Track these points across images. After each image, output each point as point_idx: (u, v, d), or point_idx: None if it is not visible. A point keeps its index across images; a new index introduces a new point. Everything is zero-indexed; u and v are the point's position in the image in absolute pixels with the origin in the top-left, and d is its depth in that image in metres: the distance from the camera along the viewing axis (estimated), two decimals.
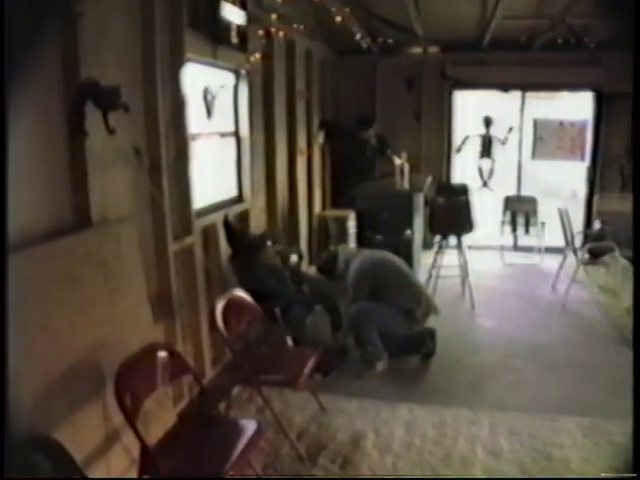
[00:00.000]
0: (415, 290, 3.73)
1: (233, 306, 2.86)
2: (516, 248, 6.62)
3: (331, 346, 3.69)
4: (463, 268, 4.94)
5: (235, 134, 4.21)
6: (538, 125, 6.64)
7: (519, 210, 6.45)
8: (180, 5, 2.97)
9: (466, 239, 5.28)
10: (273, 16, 4.15)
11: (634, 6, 2.87)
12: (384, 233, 4.86)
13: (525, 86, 6.43)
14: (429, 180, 5.96)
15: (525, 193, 6.72)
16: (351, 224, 5.53)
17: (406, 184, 5.48)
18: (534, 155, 6.73)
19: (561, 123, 6.61)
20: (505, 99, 6.68)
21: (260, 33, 4.14)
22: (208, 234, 3.55)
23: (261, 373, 2.77)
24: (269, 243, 3.84)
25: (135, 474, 2.13)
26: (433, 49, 6.38)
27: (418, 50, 6.40)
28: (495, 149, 6.95)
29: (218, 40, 3.45)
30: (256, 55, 4.06)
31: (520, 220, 6.45)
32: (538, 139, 6.65)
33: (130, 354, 2.15)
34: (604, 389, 3.21)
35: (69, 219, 2.26)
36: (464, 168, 7.08)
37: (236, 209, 4.03)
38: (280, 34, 4.42)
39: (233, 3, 3.57)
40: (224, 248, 3.68)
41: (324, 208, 6.27)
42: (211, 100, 3.65)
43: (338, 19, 4.54)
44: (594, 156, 6.39)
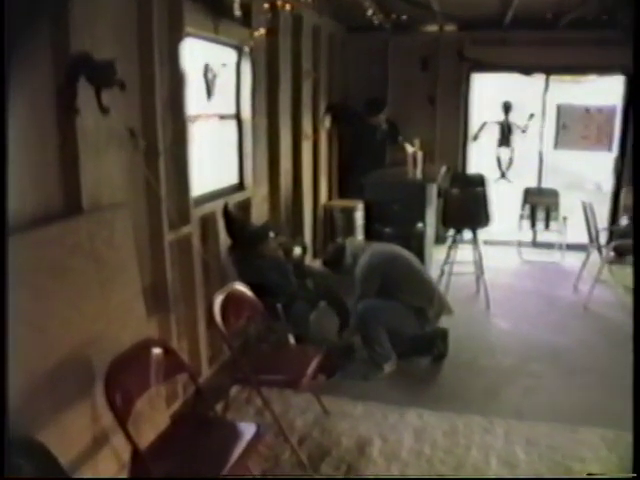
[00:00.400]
0: (428, 288, 3.71)
1: (232, 301, 2.86)
2: (535, 244, 6.60)
3: (336, 345, 3.69)
4: (478, 264, 4.92)
5: (236, 116, 4.19)
6: (562, 111, 6.55)
7: (539, 203, 6.41)
8: None
9: (482, 233, 5.26)
10: None
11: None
12: (394, 226, 4.86)
13: (549, 68, 6.34)
14: (443, 170, 5.93)
15: (546, 185, 6.67)
16: (359, 215, 5.51)
17: (418, 173, 5.46)
18: (557, 144, 6.66)
19: (587, 109, 6.51)
20: (526, 83, 6.60)
21: (265, 6, 4.11)
22: (207, 224, 3.54)
23: (261, 373, 2.77)
24: (271, 234, 3.84)
25: None
26: (450, 27, 6.32)
27: (434, 28, 6.34)
28: (515, 137, 6.91)
29: (220, 13, 3.42)
30: (260, 30, 4.03)
31: (540, 214, 6.41)
32: (561, 127, 6.57)
33: (122, 350, 2.14)
34: (630, 398, 3.18)
35: (58, 205, 2.25)
36: (481, 157, 7.05)
37: (237, 197, 4.02)
38: (286, 8, 4.38)
39: None
40: (223, 239, 3.68)
41: (330, 198, 6.25)
42: (212, 79, 3.63)
43: None
44: (622, 146, 6.31)
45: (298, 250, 4.32)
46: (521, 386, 3.48)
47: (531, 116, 6.70)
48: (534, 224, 6.48)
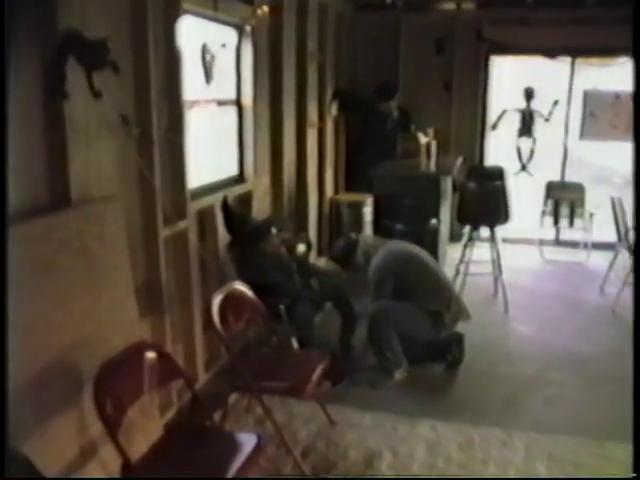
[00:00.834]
0: (445, 291, 3.71)
1: (231, 301, 2.86)
2: (558, 243, 6.59)
3: (343, 349, 3.67)
4: (496, 264, 4.91)
5: (236, 102, 4.18)
6: (589, 98, 6.48)
7: (563, 198, 6.39)
8: None
9: (500, 231, 5.25)
10: None
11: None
12: (405, 222, 4.86)
13: (575, 51, 6.27)
14: (459, 161, 5.92)
15: (571, 179, 6.64)
16: (367, 211, 5.50)
17: (432, 165, 5.45)
18: (583, 134, 6.61)
19: (617, 96, 6.40)
20: (550, 67, 6.55)
21: None
22: (204, 218, 3.54)
23: (262, 379, 2.78)
24: (274, 230, 3.83)
25: None
26: (468, 5, 6.28)
27: (450, 6, 6.30)
28: (537, 127, 6.87)
29: None
30: (263, 8, 4.02)
31: (564, 210, 6.39)
32: (588, 115, 6.51)
33: (112, 354, 2.15)
34: None
35: (44, 197, 2.24)
36: (500, 148, 7.01)
37: (237, 190, 4.02)
38: None
39: None
40: (222, 235, 3.68)
41: (337, 191, 6.24)
42: (210, 61, 3.62)
43: None
44: None
45: (302, 247, 4.32)
46: (542, 396, 3.47)
47: (555, 103, 6.65)
48: (557, 221, 6.46)
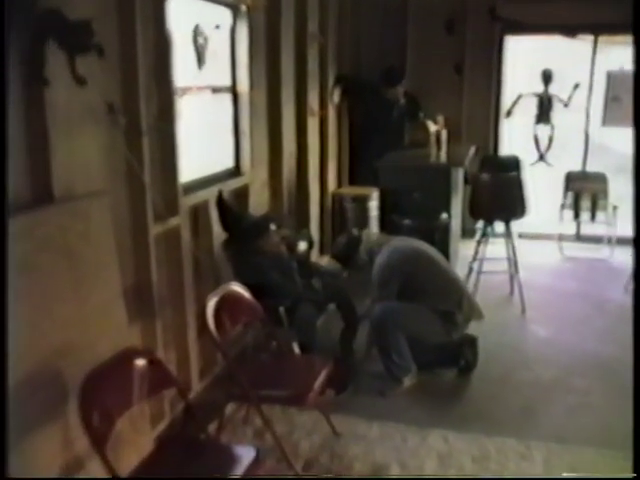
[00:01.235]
0: (455, 289, 3.71)
1: (228, 304, 2.87)
2: (579, 238, 6.59)
3: (343, 355, 3.68)
4: (512, 262, 4.91)
5: (232, 89, 4.18)
6: (612, 80, 6.44)
7: (584, 190, 6.37)
8: None
9: (516, 226, 5.24)
10: None
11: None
12: (414, 217, 4.85)
13: (598, 27, 6.20)
14: (472, 151, 5.89)
15: (592, 169, 6.63)
16: (373, 205, 5.50)
17: (443, 156, 5.44)
18: (605, 120, 6.59)
19: None
20: (570, 46, 6.51)
21: None
22: (198, 214, 3.55)
23: (261, 387, 2.78)
24: (272, 227, 3.83)
25: None
26: None
27: None
28: (555, 112, 6.84)
29: None
30: None
31: (585, 203, 6.38)
32: (611, 99, 6.48)
33: (99, 362, 2.15)
34: None
35: (24, 193, 2.24)
36: (515, 136, 7.00)
37: (232, 184, 4.02)
38: None
39: None
40: (217, 232, 3.68)
41: (340, 185, 6.24)
42: (203, 44, 3.62)
43: None
44: None
45: (303, 245, 4.32)
46: (564, 404, 3.47)
47: (576, 87, 6.61)
48: (578, 214, 6.44)
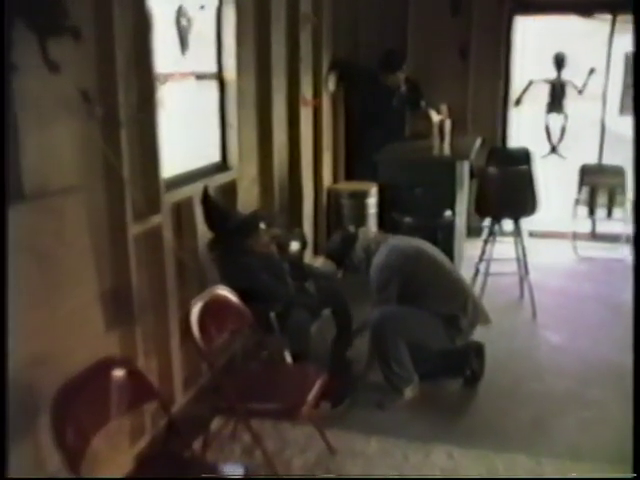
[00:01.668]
0: (459, 291, 3.72)
1: (214, 309, 2.87)
2: (595, 236, 6.62)
3: (336, 365, 3.68)
4: (522, 262, 4.92)
5: (217, 76, 4.17)
6: (631, 64, 6.47)
7: (600, 185, 6.40)
8: None
9: (526, 223, 5.25)
10: None
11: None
12: (416, 215, 4.87)
13: (615, 6, 6.17)
14: (478, 143, 5.91)
15: (609, 161, 6.66)
16: (371, 202, 5.51)
17: (447, 148, 5.44)
18: (623, 108, 6.64)
19: None
20: (586, 27, 6.52)
21: None
22: (181, 212, 3.55)
23: (250, 400, 2.78)
24: (262, 225, 3.83)
25: None
26: None
27: None
28: (569, 100, 6.86)
29: None
30: None
31: (601, 198, 6.41)
32: (630, 85, 6.50)
33: (74, 373, 2.15)
34: None
35: None
36: (525, 127, 7.02)
37: (219, 179, 4.02)
38: None
39: None
40: (202, 231, 3.68)
41: (336, 180, 6.25)
42: (186, 27, 3.61)
43: None
44: None
45: (296, 245, 4.33)
46: (578, 418, 3.48)
47: (591, 72, 6.63)
48: (593, 211, 6.47)
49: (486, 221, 5.43)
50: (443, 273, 3.72)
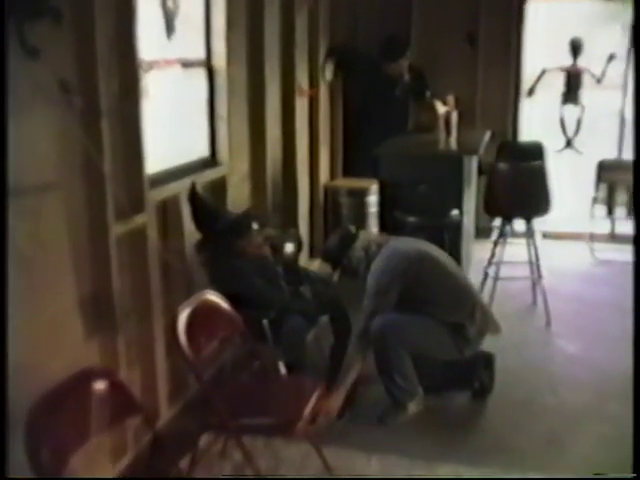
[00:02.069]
0: (467, 298, 3.73)
1: (202, 315, 2.87)
2: (614, 237, 6.63)
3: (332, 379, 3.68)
4: (534, 266, 4.94)
5: (206, 64, 4.17)
6: None
7: (620, 181, 6.41)
8: None
9: (539, 224, 5.26)
10: None
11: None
12: (420, 214, 4.87)
13: None
14: (487, 136, 5.92)
15: (629, 157, 6.64)
16: (372, 200, 5.52)
17: (453, 142, 5.46)
18: None
19: None
20: (605, 9, 6.51)
21: None
22: (167, 211, 3.55)
23: (241, 414, 2.78)
24: (254, 225, 3.83)
25: None
26: None
27: None
28: (586, 90, 6.86)
29: None
30: None
31: (620, 197, 6.42)
32: None
33: (51, 385, 2.13)
34: None
35: None
36: (539, 119, 7.03)
37: (208, 175, 4.02)
38: None
39: None
40: (190, 232, 3.68)
41: (333, 176, 6.27)
42: (172, 9, 3.62)
43: None
44: None
45: (290, 247, 4.34)
46: (595, 434, 3.49)
47: (610, 58, 6.63)
48: (612, 210, 6.48)
49: (496, 221, 5.46)
50: (449, 278, 3.72)
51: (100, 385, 2.30)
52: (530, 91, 6.85)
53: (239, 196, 4.38)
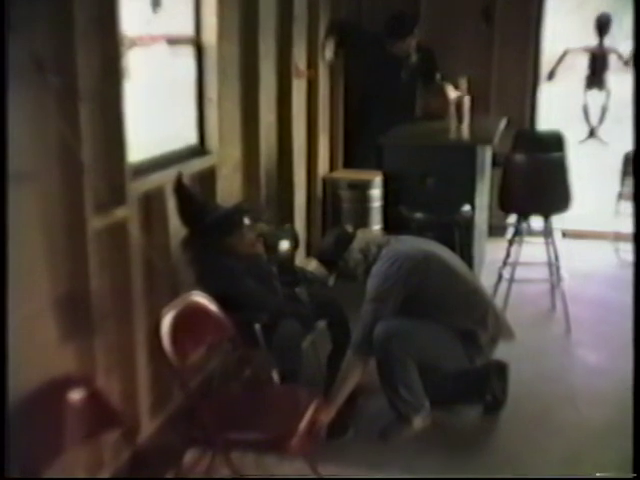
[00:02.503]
0: (478, 302, 3.74)
1: (188, 319, 2.88)
2: None
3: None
4: (553, 267, 4.95)
5: (195, 41, 4.16)
6: None
7: None
8: None
9: (559, 221, 5.27)
10: None
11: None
12: (428, 210, 4.88)
13: None
14: (503, 124, 5.93)
15: None
16: (375, 194, 5.53)
17: (466, 130, 5.46)
18: None
19: None
20: None
21: None
22: (151, 204, 3.55)
23: (230, 428, 2.79)
24: (246, 221, 3.83)
25: None
26: None
27: None
28: (612, 73, 6.86)
29: None
30: None
31: None
32: None
33: (22, 394, 2.15)
34: None
35: None
36: (559, 105, 7.04)
37: (195, 165, 4.02)
38: None
39: None
40: (176, 227, 3.69)
41: (333, 167, 6.27)
42: None
43: None
44: None
45: (286, 244, 4.34)
46: (619, 453, 3.47)
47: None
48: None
49: (511, 218, 5.46)
50: (459, 281, 3.73)
51: (75, 394, 2.31)
52: (550, 74, 6.85)
53: (230, 188, 4.38)
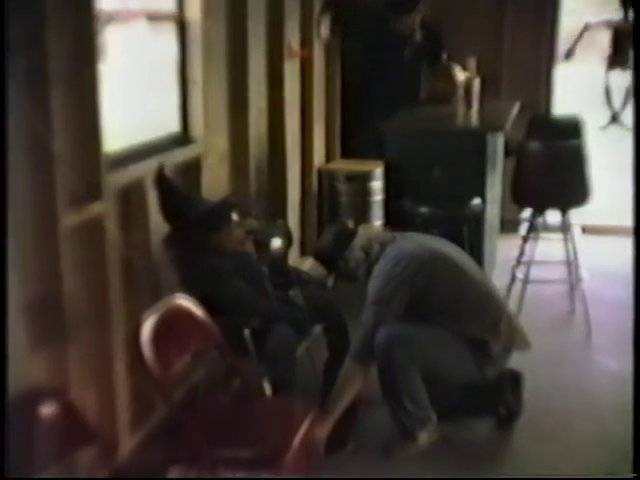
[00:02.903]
0: (490, 307, 3.75)
1: (171, 324, 2.91)
2: None
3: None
4: (572, 266, 4.96)
5: (177, 17, 4.16)
6: None
7: None
8: None
9: (578, 215, 5.27)
10: None
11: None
12: (434, 204, 4.89)
13: None
14: (515, 109, 5.94)
15: None
16: (376, 186, 5.54)
17: (475, 116, 5.47)
18: None
19: None
20: None
21: None
22: (129, 198, 3.55)
23: (217, 444, 2.80)
24: (234, 216, 3.84)
25: None
26: None
27: None
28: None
29: None
30: None
31: None
32: None
33: None
34: None
35: None
36: (578, 87, 7.03)
37: (178, 155, 4.03)
38: None
39: None
40: (157, 223, 3.69)
41: (330, 158, 6.28)
42: None
43: None
44: None
45: (278, 242, 4.34)
46: None
47: None
48: None
49: (525, 212, 5.47)
50: (468, 283, 3.74)
51: (46, 408, 2.31)
52: (569, 52, 6.83)
53: (216, 180, 4.38)
